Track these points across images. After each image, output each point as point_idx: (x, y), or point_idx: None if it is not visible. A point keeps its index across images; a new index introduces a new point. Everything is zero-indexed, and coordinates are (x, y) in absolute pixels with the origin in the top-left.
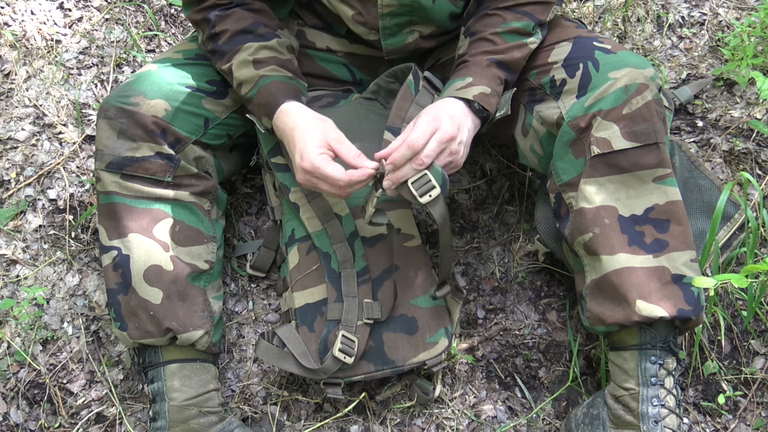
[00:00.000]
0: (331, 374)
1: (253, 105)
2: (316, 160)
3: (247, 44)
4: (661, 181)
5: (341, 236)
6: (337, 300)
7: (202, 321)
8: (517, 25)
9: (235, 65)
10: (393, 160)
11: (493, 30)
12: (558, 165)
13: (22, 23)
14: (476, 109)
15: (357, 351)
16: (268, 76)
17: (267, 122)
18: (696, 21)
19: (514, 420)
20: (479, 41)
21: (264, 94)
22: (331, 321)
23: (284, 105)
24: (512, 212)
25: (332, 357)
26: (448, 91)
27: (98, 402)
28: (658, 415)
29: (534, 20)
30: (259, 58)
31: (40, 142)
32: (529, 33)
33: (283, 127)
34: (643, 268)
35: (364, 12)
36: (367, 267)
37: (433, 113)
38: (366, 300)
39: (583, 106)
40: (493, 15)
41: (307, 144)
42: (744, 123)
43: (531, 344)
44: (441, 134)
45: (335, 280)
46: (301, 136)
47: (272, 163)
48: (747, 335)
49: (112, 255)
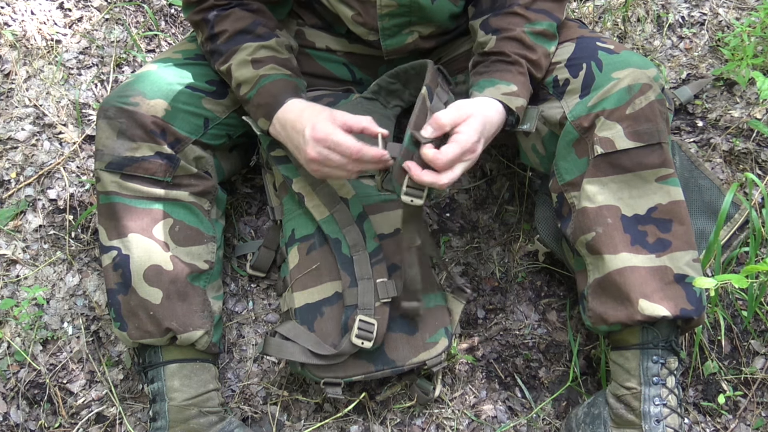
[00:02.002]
0: (341, 366)
1: (251, 105)
2: (328, 127)
3: (246, 44)
4: (664, 180)
5: (349, 219)
6: (352, 285)
7: (202, 321)
8: (542, 27)
9: (234, 65)
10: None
11: (521, 29)
12: (561, 165)
13: (22, 23)
14: (509, 122)
15: (377, 334)
16: (267, 75)
17: (264, 124)
18: (696, 21)
19: (514, 420)
20: (510, 40)
21: (264, 95)
22: (349, 307)
23: (289, 102)
24: (512, 212)
25: (350, 342)
26: (493, 92)
27: (98, 402)
28: (659, 414)
29: (554, 19)
30: (257, 57)
31: (40, 142)
32: (554, 35)
33: (287, 116)
34: (645, 268)
35: (363, 12)
36: (379, 247)
37: (474, 138)
38: (380, 280)
39: (587, 106)
40: (516, 14)
41: (317, 117)
42: (744, 123)
43: (531, 344)
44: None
45: (347, 265)
46: (310, 115)
47: (272, 156)
48: (747, 335)
49: (112, 255)
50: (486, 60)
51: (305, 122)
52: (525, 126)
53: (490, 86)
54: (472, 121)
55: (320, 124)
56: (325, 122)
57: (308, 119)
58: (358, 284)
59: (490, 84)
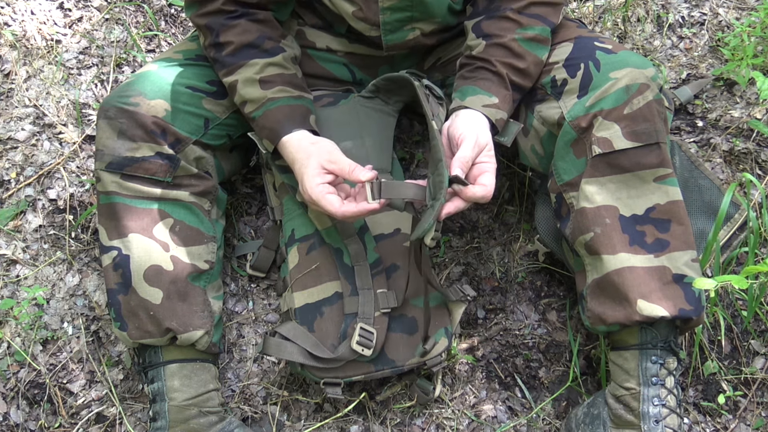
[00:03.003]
0: (341, 366)
1: (257, 125)
2: (313, 193)
3: (253, 60)
4: (662, 180)
5: (351, 231)
6: (353, 294)
7: (202, 321)
8: (534, 32)
9: (241, 82)
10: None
11: (511, 36)
12: (559, 165)
13: (22, 23)
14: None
15: (376, 343)
16: (274, 99)
17: (269, 145)
18: (696, 21)
19: (514, 420)
20: (498, 47)
21: (269, 119)
22: (349, 315)
23: (284, 138)
24: (512, 212)
25: (349, 348)
26: (474, 102)
27: (98, 402)
28: (659, 414)
29: (548, 24)
30: (265, 77)
31: (40, 142)
32: (547, 39)
33: (287, 157)
34: (644, 268)
35: (364, 8)
36: (379, 259)
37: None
38: (380, 290)
39: (585, 106)
40: (508, 19)
41: (305, 176)
42: (744, 123)
43: (531, 344)
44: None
45: (349, 274)
46: (299, 168)
47: (277, 165)
48: (747, 335)
49: (112, 255)
50: (472, 65)
51: (297, 175)
52: (503, 138)
53: (472, 95)
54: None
55: (308, 186)
56: (313, 182)
57: (299, 173)
58: (359, 293)
59: (472, 92)
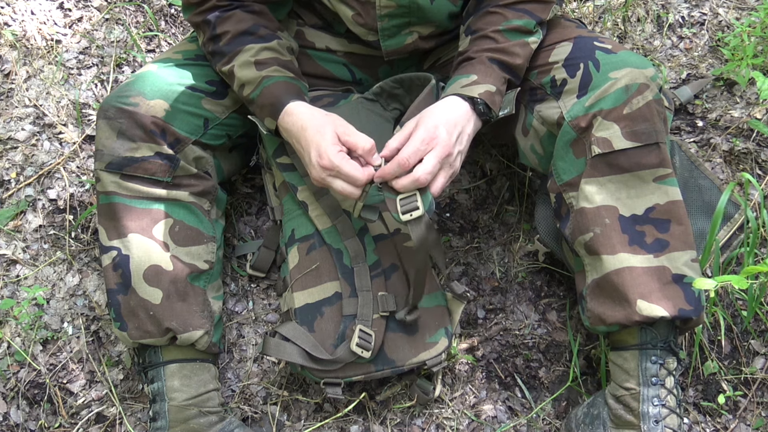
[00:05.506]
0: (341, 366)
1: (256, 106)
2: (335, 158)
3: (249, 45)
4: (662, 180)
5: (351, 232)
6: (352, 295)
7: (202, 321)
8: (518, 23)
9: (237, 66)
10: (382, 174)
11: (494, 28)
12: (558, 165)
13: (22, 23)
14: (480, 111)
15: (374, 345)
16: (271, 76)
17: (270, 123)
18: (696, 21)
19: (514, 420)
20: (481, 39)
21: (267, 95)
22: (347, 316)
23: (289, 105)
24: (512, 212)
25: (349, 349)
26: (453, 88)
27: (98, 402)
28: (658, 414)
29: (535, 18)
30: (260, 59)
31: (40, 142)
32: (531, 31)
33: (291, 128)
34: (643, 268)
35: (363, 13)
36: (378, 260)
37: (430, 128)
38: (380, 293)
39: (584, 106)
40: (494, 13)
41: (323, 142)
42: (744, 123)
43: (531, 344)
44: (440, 151)
45: (348, 275)
46: (314, 134)
47: (278, 163)
48: (747, 335)
49: (112, 255)
50: (459, 61)
51: (310, 142)
52: (504, 111)
53: (452, 84)
54: (416, 138)
55: (327, 152)
56: (332, 149)
57: (313, 139)
58: (358, 295)
59: (452, 83)
